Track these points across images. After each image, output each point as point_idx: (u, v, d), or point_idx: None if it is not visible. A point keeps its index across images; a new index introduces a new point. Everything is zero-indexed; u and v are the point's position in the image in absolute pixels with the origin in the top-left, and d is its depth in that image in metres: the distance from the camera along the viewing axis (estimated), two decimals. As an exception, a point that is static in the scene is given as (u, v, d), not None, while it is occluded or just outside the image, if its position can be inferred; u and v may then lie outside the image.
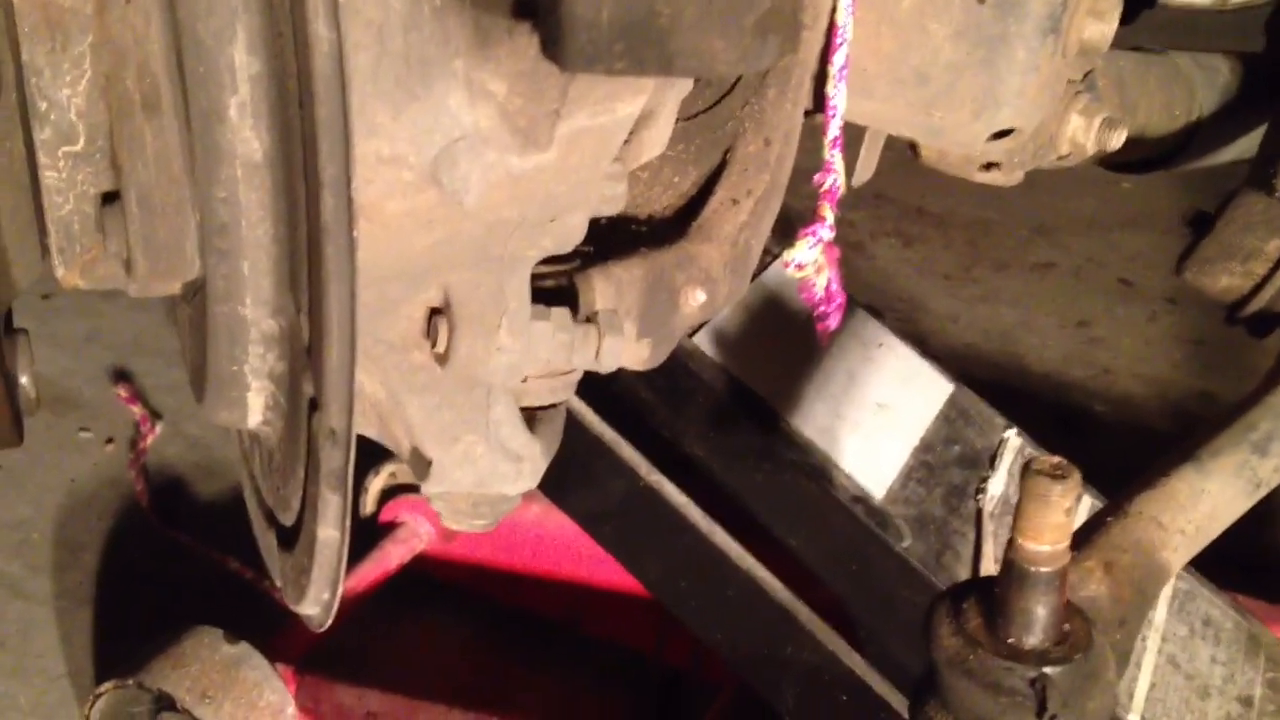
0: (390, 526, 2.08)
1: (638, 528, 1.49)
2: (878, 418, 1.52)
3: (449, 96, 0.69)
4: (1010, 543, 0.84)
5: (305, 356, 0.73)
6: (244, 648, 1.78)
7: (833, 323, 1.14)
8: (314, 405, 0.72)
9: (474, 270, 0.81)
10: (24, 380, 0.83)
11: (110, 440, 2.55)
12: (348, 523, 0.74)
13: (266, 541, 0.95)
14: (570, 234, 0.83)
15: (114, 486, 2.43)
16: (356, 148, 0.68)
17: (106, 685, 1.76)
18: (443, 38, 0.68)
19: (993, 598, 0.85)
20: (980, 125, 1.15)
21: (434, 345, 0.84)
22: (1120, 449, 2.75)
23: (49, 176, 0.76)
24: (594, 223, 0.88)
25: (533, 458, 0.92)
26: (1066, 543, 0.83)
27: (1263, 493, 1.08)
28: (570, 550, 1.84)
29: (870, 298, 3.15)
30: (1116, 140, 1.30)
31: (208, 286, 0.76)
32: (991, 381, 3.01)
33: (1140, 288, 3.33)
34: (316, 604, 0.81)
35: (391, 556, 2.05)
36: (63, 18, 0.74)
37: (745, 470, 1.45)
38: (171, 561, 2.22)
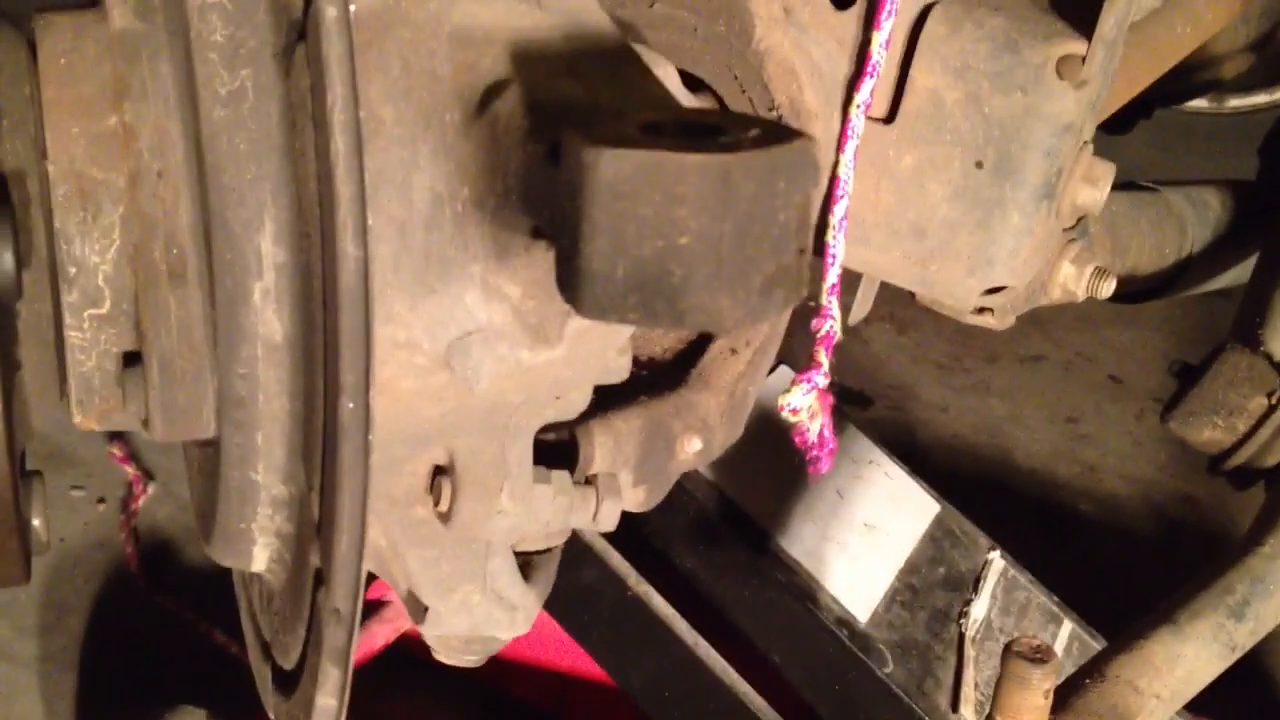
0: (376, 605, 2.10)
1: (623, 636, 1.51)
2: (865, 538, 1.55)
3: (465, 294, 0.72)
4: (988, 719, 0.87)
5: (313, 529, 0.75)
6: (227, 730, 1.80)
7: (824, 466, 1.17)
8: (319, 579, 0.75)
9: (478, 437, 0.83)
10: (36, 523, 0.85)
11: (102, 500, 2.56)
12: (346, 693, 0.76)
13: (261, 672, 0.97)
14: (573, 407, 0.86)
15: (103, 548, 2.44)
16: (374, 332, 0.71)
17: (88, 762, 1.78)
18: (462, 243, 0.71)
19: (971, 769, 0.88)
20: (974, 281, 1.18)
21: (437, 504, 0.86)
22: (1103, 551, 2.77)
23: (74, 336, 0.79)
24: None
25: (527, 606, 0.95)
26: (1043, 723, 0.86)
27: (1237, 655, 1.11)
28: (559, 640, 1.86)
29: (862, 383, 3.18)
30: (1107, 289, 1.33)
31: (221, 450, 0.78)
32: (978, 476, 3.04)
33: (1129, 385, 3.37)
34: (311, 755, 0.83)
35: (377, 636, 2.06)
36: (95, 189, 0.77)
37: (733, 585, 1.48)
38: (158, 628, 2.24)
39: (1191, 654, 1.07)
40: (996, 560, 1.63)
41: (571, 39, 0.72)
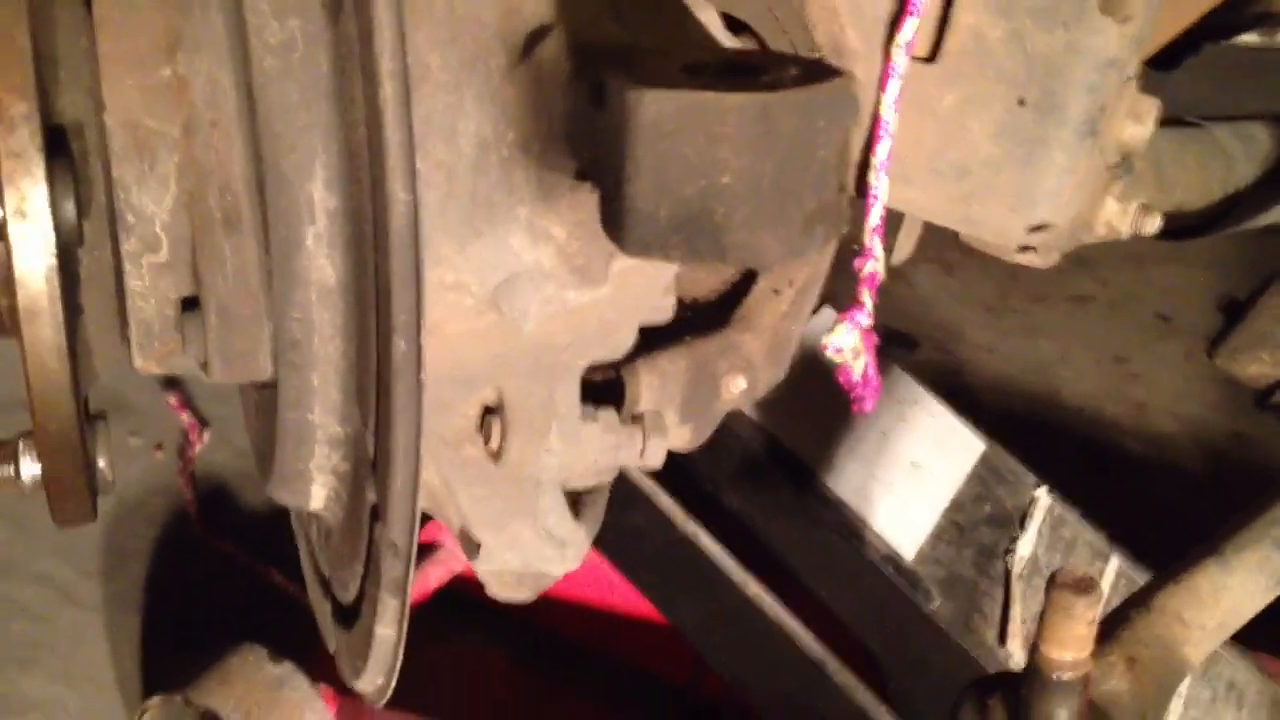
0: (428, 547, 2.13)
1: (674, 575, 1.54)
2: (910, 477, 1.56)
3: (511, 236, 0.73)
4: (1034, 649, 0.88)
5: (369, 466, 0.77)
6: (287, 668, 1.84)
7: (868, 406, 1.18)
8: (375, 514, 0.77)
9: (526, 378, 0.85)
10: (101, 464, 0.88)
11: (159, 446, 2.61)
12: (404, 623, 0.78)
13: (321, 607, 1.00)
14: (620, 346, 0.87)
15: (162, 493, 2.50)
16: (424, 274, 0.73)
17: (154, 699, 1.82)
18: (508, 186, 0.72)
19: (1017, 698, 0.89)
20: (1017, 219, 1.18)
21: (487, 442, 0.88)
22: (1152, 490, 2.77)
23: (134, 283, 0.81)
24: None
25: (577, 542, 0.97)
26: (1088, 652, 0.87)
27: (1284, 587, 1.11)
28: (610, 579, 1.88)
29: (909, 325, 3.17)
30: (1152, 225, 1.33)
31: (279, 392, 0.81)
32: (1026, 416, 3.03)
33: (1177, 323, 3.34)
34: (370, 686, 0.86)
35: (430, 577, 2.10)
36: (151, 139, 0.79)
37: (780, 524, 1.50)
38: (217, 571, 2.29)
39: (1237, 585, 1.08)
40: (1043, 497, 1.64)
41: (615, -22, 0.73)
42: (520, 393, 0.86)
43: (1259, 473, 2.78)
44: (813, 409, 1.56)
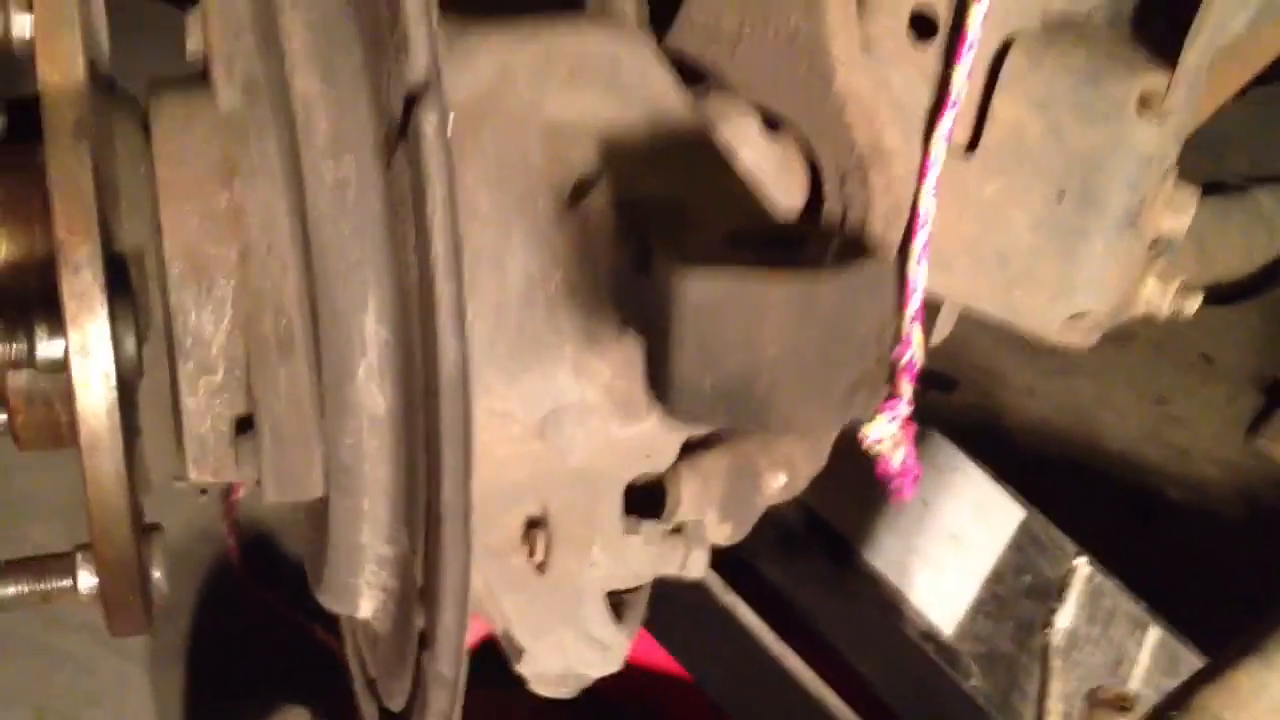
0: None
1: (711, 645, 1.55)
2: (949, 549, 1.56)
3: (558, 372, 0.75)
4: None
5: (416, 590, 0.79)
6: (330, 729, 1.86)
7: (907, 495, 1.19)
8: (423, 640, 0.79)
9: (570, 493, 0.87)
10: (156, 575, 0.90)
11: (204, 491, 2.64)
12: (451, 750, 0.80)
13: (367, 709, 1.02)
14: (663, 463, 0.89)
15: (206, 540, 2.52)
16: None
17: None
18: (555, 325, 0.74)
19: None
20: (1057, 308, 1.19)
21: (532, 554, 0.90)
22: (1193, 538, 2.75)
23: (189, 401, 0.84)
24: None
25: (619, 644, 0.98)
26: (1126, 766, 0.88)
27: (1324, 683, 1.11)
28: (647, 642, 1.90)
29: (946, 365, 3.16)
30: (1191, 306, 1.33)
31: (329, 512, 0.83)
32: (1066, 461, 3.02)
33: (1221, 365, 3.31)
34: (415, 793, 0.88)
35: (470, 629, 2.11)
36: (208, 265, 0.81)
37: (818, 597, 1.50)
38: (260, 622, 2.31)
39: (1278, 683, 1.08)
40: (1083, 566, 1.64)
41: (655, 128, 0.75)
42: (564, 507, 0.88)
43: (1304, 523, 2.76)
44: (850, 481, 1.57)
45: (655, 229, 0.64)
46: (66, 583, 0.87)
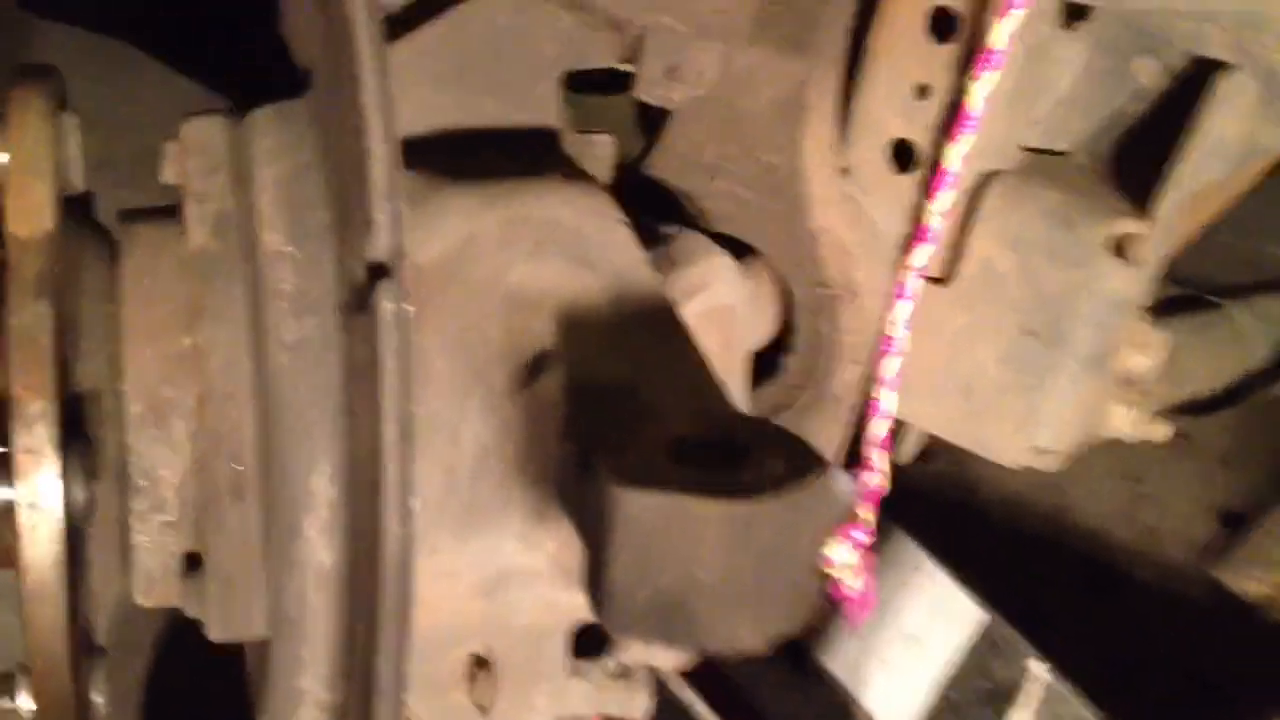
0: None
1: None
2: (906, 650, 1.56)
3: (505, 541, 0.75)
4: None
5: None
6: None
7: (859, 622, 1.19)
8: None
9: (515, 639, 0.87)
10: (97, 699, 0.90)
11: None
12: None
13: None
14: (610, 613, 0.89)
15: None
16: (418, 563, 0.75)
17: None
18: (504, 497, 0.74)
19: None
20: (1020, 440, 1.20)
21: (474, 694, 0.90)
22: (1156, 621, 2.75)
23: (140, 538, 0.84)
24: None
25: (563, 773, 0.98)
26: None
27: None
28: None
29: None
30: (1161, 434, 1.34)
31: (271, 657, 0.82)
32: (1035, 537, 3.02)
33: (1196, 442, 3.31)
34: None
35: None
36: (167, 408, 0.81)
37: (774, 697, 1.50)
38: (219, 671, 2.29)
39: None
40: (1041, 674, 1.63)
41: (619, 303, 0.75)
42: (509, 651, 0.88)
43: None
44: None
45: (600, 433, 0.64)
46: (6, 702, 0.87)
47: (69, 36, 2.21)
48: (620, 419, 0.67)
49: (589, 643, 0.96)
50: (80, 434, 0.80)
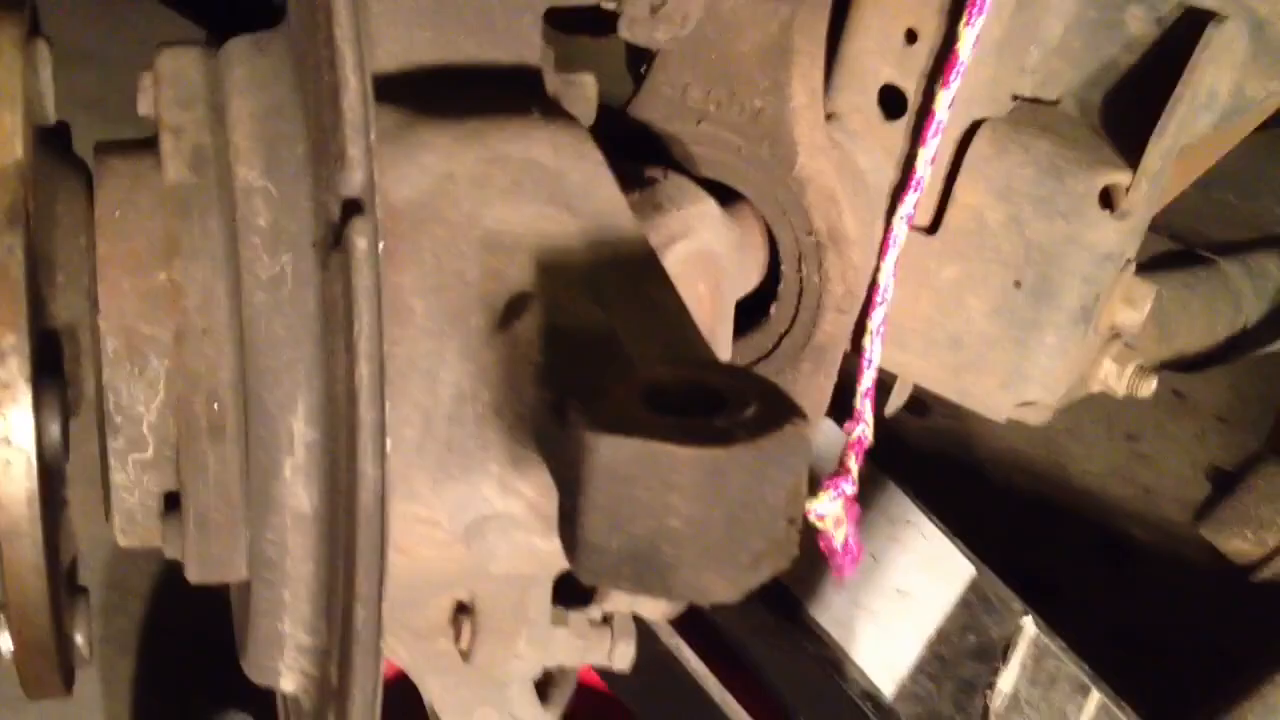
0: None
1: (654, 688, 1.55)
2: (896, 605, 1.57)
3: (483, 486, 0.75)
4: None
5: (332, 689, 0.79)
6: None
7: (846, 573, 1.19)
8: (338, 736, 0.79)
9: (497, 586, 0.87)
10: (79, 639, 0.89)
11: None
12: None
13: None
14: (590, 561, 0.88)
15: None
16: (396, 507, 0.74)
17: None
18: (481, 442, 0.73)
19: None
20: (1007, 395, 1.19)
21: (457, 638, 0.90)
22: (1156, 578, 2.75)
23: (118, 477, 0.83)
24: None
25: (544, 723, 0.98)
26: None
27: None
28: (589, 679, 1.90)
29: (917, 392, 3.17)
30: (1147, 389, 1.34)
31: (252, 599, 0.82)
32: (1032, 494, 3.02)
33: (1191, 401, 3.32)
34: None
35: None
36: (143, 344, 0.80)
37: (764, 648, 1.51)
38: (215, 615, 2.30)
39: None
40: (1029, 626, 1.64)
41: (597, 246, 0.74)
42: (491, 598, 0.88)
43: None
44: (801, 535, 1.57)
45: (575, 379, 0.63)
46: (-13, 640, 0.87)
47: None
48: (596, 365, 0.66)
49: (573, 592, 0.96)
50: (56, 370, 0.79)
